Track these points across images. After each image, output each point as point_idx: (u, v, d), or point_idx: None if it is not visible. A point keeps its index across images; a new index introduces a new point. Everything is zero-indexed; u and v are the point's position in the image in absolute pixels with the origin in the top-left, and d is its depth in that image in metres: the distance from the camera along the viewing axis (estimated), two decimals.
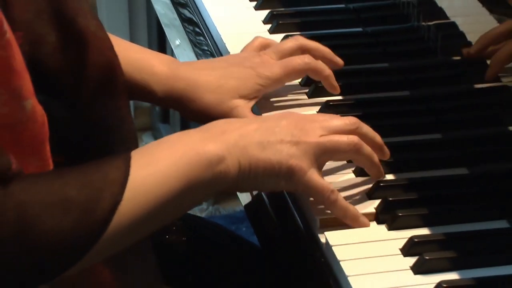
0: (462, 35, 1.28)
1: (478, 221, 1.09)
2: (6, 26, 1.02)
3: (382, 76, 1.38)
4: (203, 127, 1.13)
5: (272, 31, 1.47)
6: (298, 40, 1.22)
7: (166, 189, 1.05)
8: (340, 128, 1.13)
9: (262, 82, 1.28)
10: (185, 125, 2.67)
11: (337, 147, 1.11)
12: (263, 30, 1.48)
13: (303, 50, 1.20)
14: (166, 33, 1.65)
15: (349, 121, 1.14)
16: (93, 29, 1.18)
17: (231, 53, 1.44)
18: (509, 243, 1.07)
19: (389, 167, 1.18)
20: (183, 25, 1.58)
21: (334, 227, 1.10)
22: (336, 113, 1.22)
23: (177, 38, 1.58)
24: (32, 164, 1.06)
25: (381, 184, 1.14)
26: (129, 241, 1.07)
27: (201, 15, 1.57)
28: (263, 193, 1.22)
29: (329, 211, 1.12)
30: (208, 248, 1.37)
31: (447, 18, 1.31)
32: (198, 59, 1.49)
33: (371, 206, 1.12)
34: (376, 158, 1.13)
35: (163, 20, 1.67)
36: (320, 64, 1.29)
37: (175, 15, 1.61)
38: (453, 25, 1.29)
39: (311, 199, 1.13)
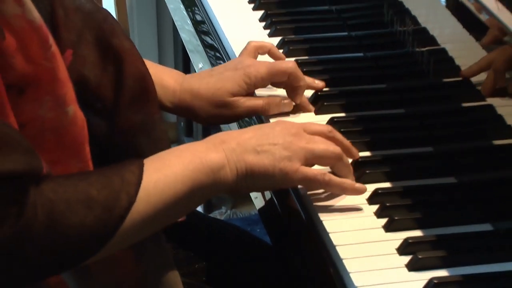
0: (451, 60, 1.28)
1: (465, 224, 1.09)
2: (51, 41, 1.03)
3: (380, 95, 1.38)
4: (207, 139, 1.14)
5: (285, 55, 1.47)
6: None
7: (174, 191, 1.06)
8: (320, 131, 1.15)
9: (250, 81, 1.29)
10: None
11: (323, 154, 1.12)
12: None
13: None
14: (190, 57, 1.65)
15: (326, 127, 1.16)
16: (127, 47, 1.20)
17: None
18: (493, 244, 1.07)
19: (386, 176, 1.18)
20: (205, 51, 1.58)
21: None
22: (340, 128, 1.23)
23: (200, 62, 1.58)
24: (74, 166, 1.07)
25: (379, 191, 1.14)
26: (142, 235, 1.08)
27: (221, 42, 1.57)
28: (274, 199, 1.22)
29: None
30: (226, 245, 1.38)
31: (438, 44, 1.31)
32: None
33: (370, 210, 1.12)
34: (351, 167, 1.16)
35: (188, 46, 1.67)
36: (300, 72, 1.30)
37: (198, 42, 1.61)
38: (443, 51, 1.29)
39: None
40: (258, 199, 1.27)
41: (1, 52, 0.98)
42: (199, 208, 2.46)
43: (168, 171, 1.07)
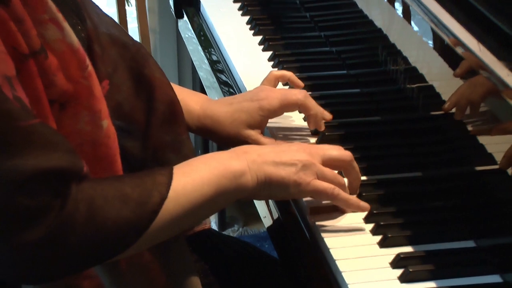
0: (438, 95, 1.27)
1: (450, 241, 1.10)
2: (88, 62, 1.04)
3: (375, 126, 1.39)
4: (231, 149, 1.15)
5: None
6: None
7: (200, 193, 1.06)
8: (337, 157, 1.15)
9: (264, 114, 1.28)
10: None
11: (331, 180, 1.12)
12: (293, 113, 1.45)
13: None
14: (207, 93, 1.66)
15: (345, 153, 1.15)
16: (158, 76, 1.22)
17: None
18: (475, 258, 1.08)
19: (380, 198, 1.18)
20: (220, 87, 1.59)
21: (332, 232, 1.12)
22: None
23: (215, 97, 1.59)
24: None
25: (374, 212, 1.14)
26: (171, 233, 1.08)
27: (234, 79, 1.57)
28: (281, 219, 1.22)
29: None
30: (238, 259, 1.38)
31: (426, 82, 1.31)
32: None
33: (366, 229, 1.12)
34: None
35: (205, 83, 1.68)
36: (309, 103, 1.29)
37: (214, 79, 1.62)
38: (431, 87, 1.29)
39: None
40: (266, 218, 1.27)
41: (44, 70, 0.99)
42: (214, 226, 2.47)
43: (195, 175, 1.07)
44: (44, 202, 0.93)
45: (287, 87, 1.44)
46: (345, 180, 1.18)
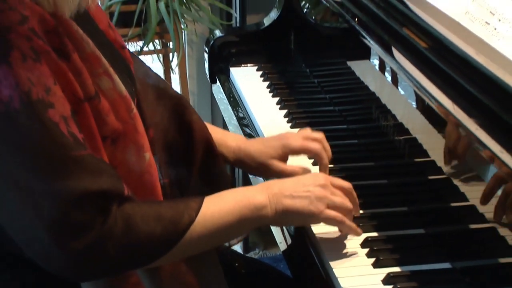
0: (420, 145, 1.28)
1: (431, 263, 1.09)
2: (133, 106, 1.04)
3: (369, 170, 1.38)
4: (257, 185, 1.13)
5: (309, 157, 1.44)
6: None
7: (225, 220, 1.04)
8: (342, 186, 1.12)
9: (285, 151, 1.26)
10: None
11: (340, 206, 1.10)
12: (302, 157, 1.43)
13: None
14: None
15: (348, 185, 1.13)
16: (195, 119, 1.23)
17: None
18: (451, 277, 1.07)
19: (374, 227, 1.17)
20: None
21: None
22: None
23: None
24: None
25: (369, 239, 1.13)
26: (197, 250, 1.07)
27: (257, 132, 1.57)
28: (294, 244, 1.21)
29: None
30: (258, 276, 1.37)
31: (410, 135, 1.31)
32: None
33: (362, 253, 1.12)
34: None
35: (231, 128, 1.68)
36: (323, 155, 1.26)
37: (241, 132, 1.61)
38: (415, 139, 1.30)
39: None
40: (282, 244, 1.27)
41: (98, 112, 0.99)
42: (239, 249, 2.45)
43: (222, 205, 1.05)
44: (90, 217, 0.93)
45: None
46: None
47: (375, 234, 1.16)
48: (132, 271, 1.04)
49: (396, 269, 1.07)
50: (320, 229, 1.16)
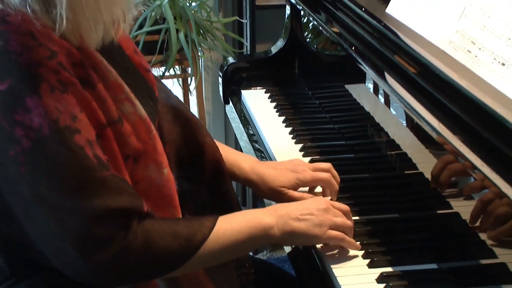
0: (410, 160, 1.27)
1: (420, 263, 1.08)
2: (153, 128, 1.04)
3: (364, 181, 1.37)
4: (265, 207, 1.11)
5: (304, 154, 1.46)
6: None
7: (235, 239, 1.03)
8: (341, 209, 1.11)
9: (298, 183, 1.23)
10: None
11: (341, 226, 1.09)
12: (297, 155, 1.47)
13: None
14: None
15: (346, 208, 1.12)
16: (208, 141, 1.22)
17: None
18: (437, 277, 1.07)
19: (368, 232, 1.17)
20: (255, 153, 1.58)
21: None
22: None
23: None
24: (168, 210, 1.06)
25: (364, 242, 1.13)
26: (210, 264, 1.06)
27: (265, 147, 1.56)
28: (299, 247, 1.20)
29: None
30: (266, 276, 1.36)
31: (401, 150, 1.31)
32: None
33: (359, 254, 1.11)
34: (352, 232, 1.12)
35: (244, 150, 1.66)
36: (333, 182, 1.24)
37: (251, 147, 1.60)
38: (405, 154, 1.29)
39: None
40: (287, 247, 1.26)
41: (121, 134, 0.99)
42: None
43: (234, 224, 1.04)
44: (112, 232, 0.93)
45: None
46: None
47: (369, 238, 1.15)
48: None
49: (389, 269, 1.07)
50: None
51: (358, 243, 1.12)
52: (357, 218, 1.21)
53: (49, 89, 0.90)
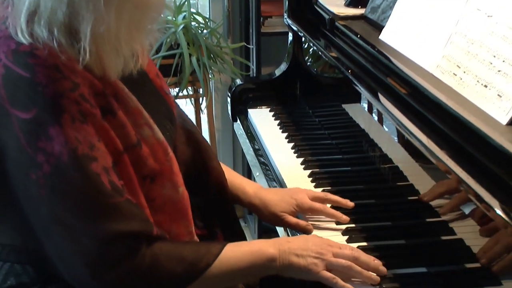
0: (401, 172, 1.27)
1: (410, 267, 1.08)
2: (169, 150, 1.03)
3: (360, 192, 1.36)
4: (271, 239, 1.07)
5: (303, 168, 1.46)
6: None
7: (239, 266, 1.01)
8: (344, 254, 1.05)
9: (297, 209, 1.22)
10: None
11: (337, 266, 1.04)
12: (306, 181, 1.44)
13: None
14: (251, 169, 1.65)
15: (350, 251, 1.05)
16: (215, 166, 1.21)
17: (284, 180, 1.42)
18: (426, 280, 1.06)
19: (364, 238, 1.16)
20: (260, 166, 1.58)
21: None
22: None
23: (256, 172, 1.58)
24: (182, 226, 1.04)
25: (360, 247, 1.11)
26: (213, 287, 1.03)
27: (270, 161, 1.56)
28: None
29: None
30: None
31: (393, 163, 1.30)
32: (268, 184, 1.48)
33: None
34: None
35: (250, 163, 1.67)
36: (327, 210, 1.21)
37: (256, 160, 1.61)
38: (397, 167, 1.29)
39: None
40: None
41: (140, 156, 0.98)
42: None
43: (238, 253, 1.02)
44: (121, 254, 0.93)
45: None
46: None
47: (365, 243, 1.15)
48: None
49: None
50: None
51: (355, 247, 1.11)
52: (353, 225, 1.21)
53: (70, 120, 0.90)
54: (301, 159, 1.51)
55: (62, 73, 0.90)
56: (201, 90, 2.42)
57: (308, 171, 1.43)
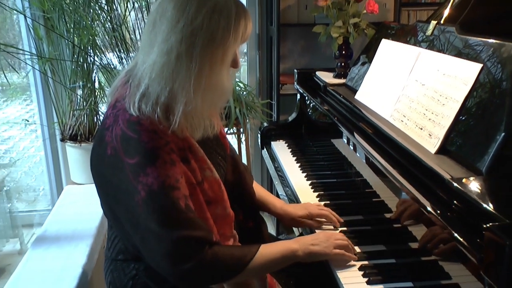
0: (368, 183, 1.22)
1: (399, 282, 0.97)
2: (222, 184, 0.97)
3: (347, 208, 1.27)
4: (293, 239, 1.02)
5: (311, 188, 1.38)
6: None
7: (270, 259, 0.96)
8: (342, 238, 1.04)
9: (309, 214, 1.17)
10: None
11: (342, 246, 1.02)
12: (307, 188, 1.38)
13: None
14: (273, 182, 1.60)
15: (342, 236, 1.04)
16: (248, 189, 1.13)
17: (293, 187, 1.37)
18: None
19: (363, 257, 1.05)
20: (279, 178, 1.53)
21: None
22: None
23: (276, 182, 1.50)
24: (227, 230, 0.99)
25: (363, 265, 1.02)
26: (255, 275, 0.99)
27: (285, 175, 1.53)
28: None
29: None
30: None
31: (363, 177, 1.25)
32: (282, 188, 1.41)
33: (360, 274, 1.00)
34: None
35: (272, 176, 1.62)
36: (330, 217, 1.17)
37: (276, 175, 1.58)
38: (365, 180, 1.23)
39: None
40: (297, 233, 1.20)
41: (204, 190, 0.94)
42: (273, 232, 2.29)
43: (272, 250, 0.98)
44: (191, 251, 0.88)
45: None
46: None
47: (366, 262, 1.04)
48: None
49: (380, 286, 0.96)
50: None
51: (360, 264, 1.02)
52: (345, 228, 1.16)
53: (163, 163, 0.87)
54: (305, 173, 1.49)
55: (159, 135, 0.89)
56: (241, 129, 2.44)
57: (309, 181, 1.42)
